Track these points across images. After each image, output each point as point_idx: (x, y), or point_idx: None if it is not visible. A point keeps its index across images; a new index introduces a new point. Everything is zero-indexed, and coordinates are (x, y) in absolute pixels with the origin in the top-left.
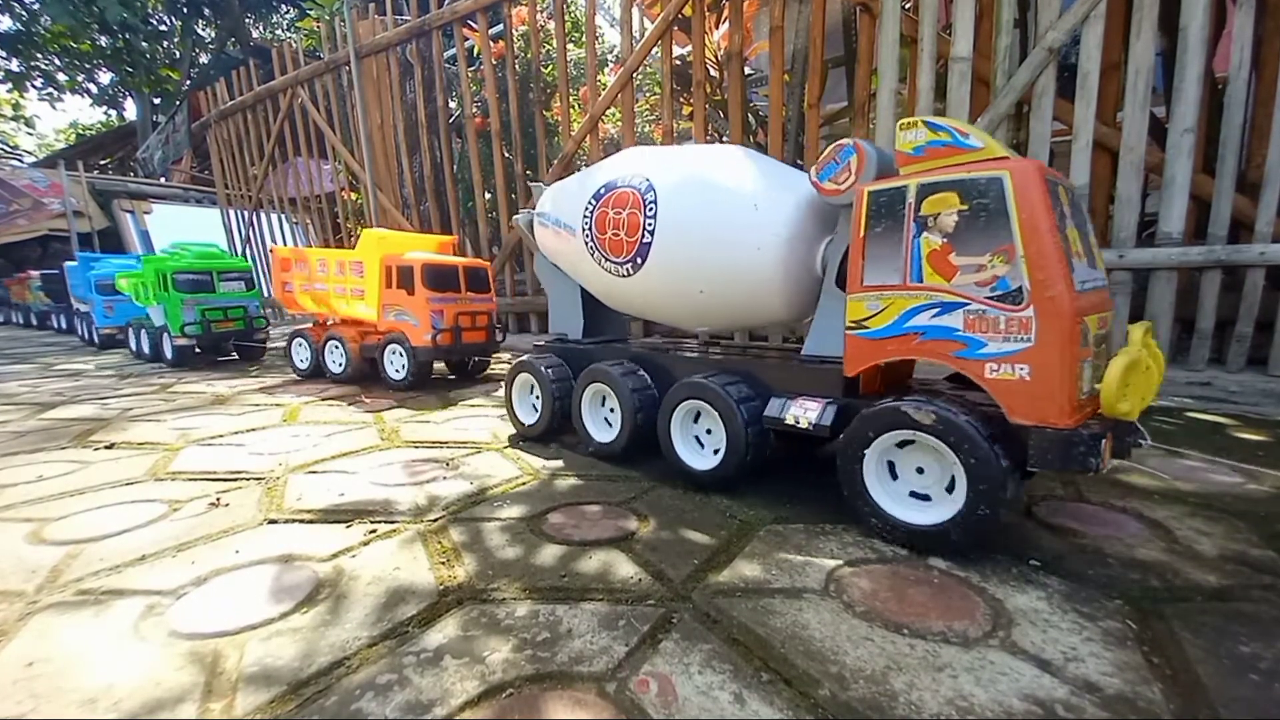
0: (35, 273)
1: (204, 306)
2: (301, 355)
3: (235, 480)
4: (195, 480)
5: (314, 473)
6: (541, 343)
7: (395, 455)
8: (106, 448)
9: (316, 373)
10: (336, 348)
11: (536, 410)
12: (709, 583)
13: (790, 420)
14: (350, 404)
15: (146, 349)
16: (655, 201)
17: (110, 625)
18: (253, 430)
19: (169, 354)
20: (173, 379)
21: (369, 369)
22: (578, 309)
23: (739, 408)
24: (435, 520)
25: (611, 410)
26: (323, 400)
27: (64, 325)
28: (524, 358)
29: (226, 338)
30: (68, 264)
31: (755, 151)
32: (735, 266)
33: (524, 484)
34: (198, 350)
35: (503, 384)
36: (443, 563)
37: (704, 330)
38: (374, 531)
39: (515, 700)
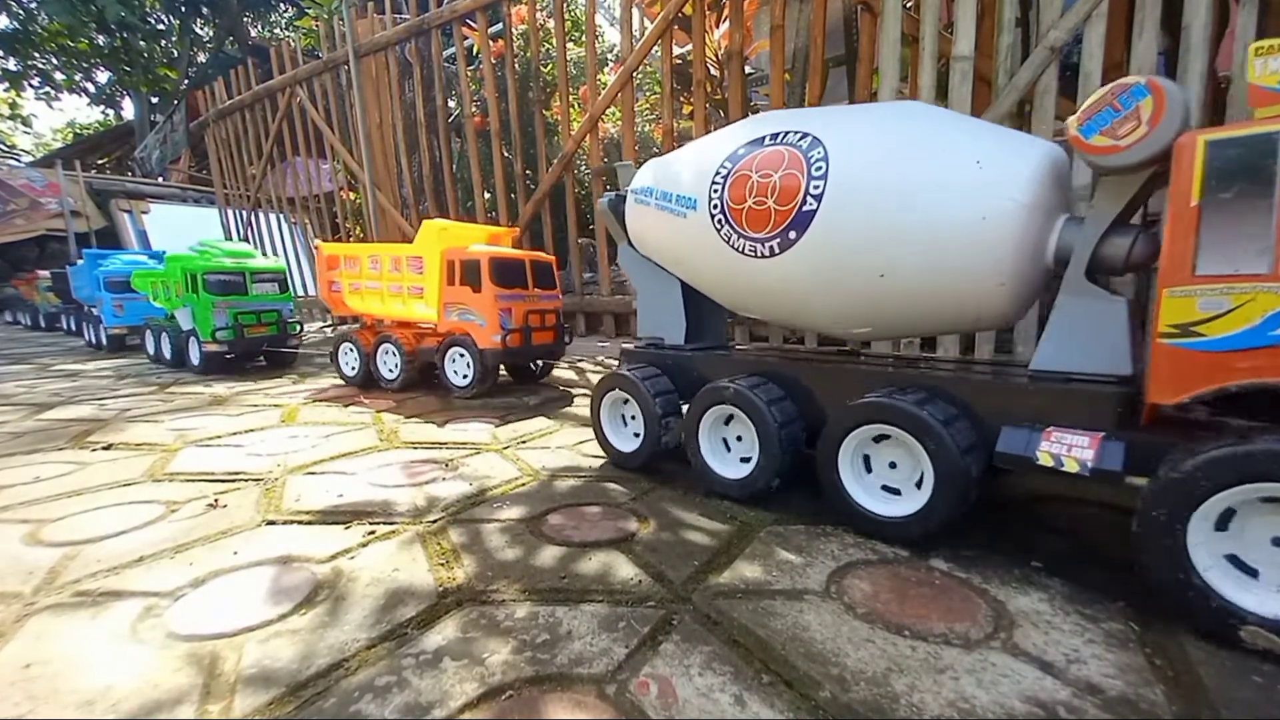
0: (44, 272)
1: (236, 310)
2: (349, 361)
3: (233, 481)
4: (193, 481)
5: (312, 474)
6: (630, 347)
7: (394, 456)
8: (104, 448)
9: (368, 380)
10: (390, 352)
11: (636, 436)
12: (709, 584)
13: (1046, 461)
14: (348, 405)
15: (168, 354)
16: (825, 159)
17: (108, 627)
18: (251, 431)
19: (195, 360)
20: (171, 379)
21: (425, 375)
22: (678, 308)
23: (960, 444)
24: (434, 521)
25: (739, 438)
26: (321, 401)
27: (73, 327)
28: (616, 369)
29: (260, 343)
30: (75, 264)
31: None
32: (945, 240)
33: (524, 485)
34: (229, 356)
35: (589, 400)
36: (442, 564)
37: (862, 333)
38: (373, 533)
39: (515, 702)
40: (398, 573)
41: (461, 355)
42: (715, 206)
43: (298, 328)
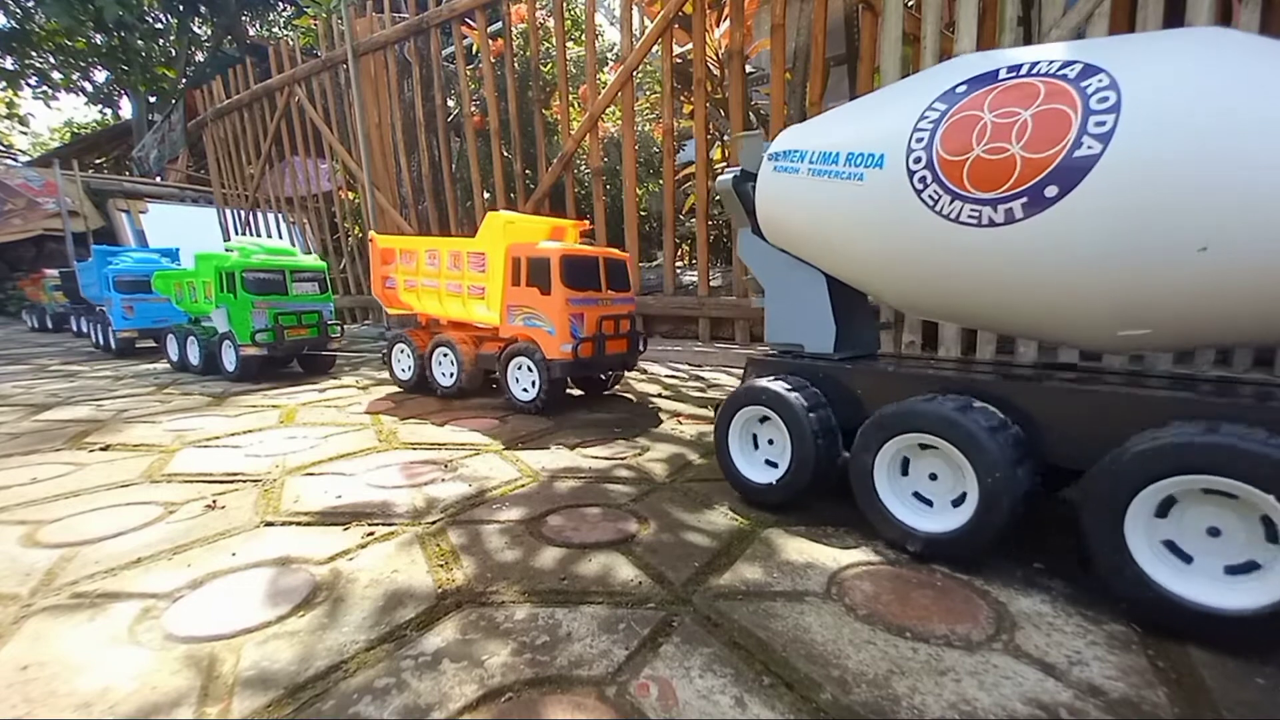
0: (52, 271)
1: (277, 310)
2: (403, 364)
3: (231, 482)
4: (191, 482)
5: (311, 475)
6: (760, 355)
7: (393, 457)
8: (102, 449)
9: (421, 385)
10: (447, 356)
11: (776, 466)
12: (710, 586)
13: None
14: (347, 405)
15: (195, 359)
16: (1113, 87)
17: (105, 628)
18: (249, 432)
19: (230, 365)
20: (168, 380)
21: (485, 382)
22: (824, 308)
23: None
24: (433, 523)
25: (933, 477)
26: (320, 402)
27: (83, 328)
28: (753, 383)
29: (300, 346)
30: (85, 261)
31: None
32: None
33: (523, 486)
34: (272, 358)
35: (715, 417)
36: (441, 565)
37: (1135, 337)
38: (372, 534)
39: (514, 704)
40: (397, 574)
41: (527, 367)
42: (918, 161)
43: (338, 330)
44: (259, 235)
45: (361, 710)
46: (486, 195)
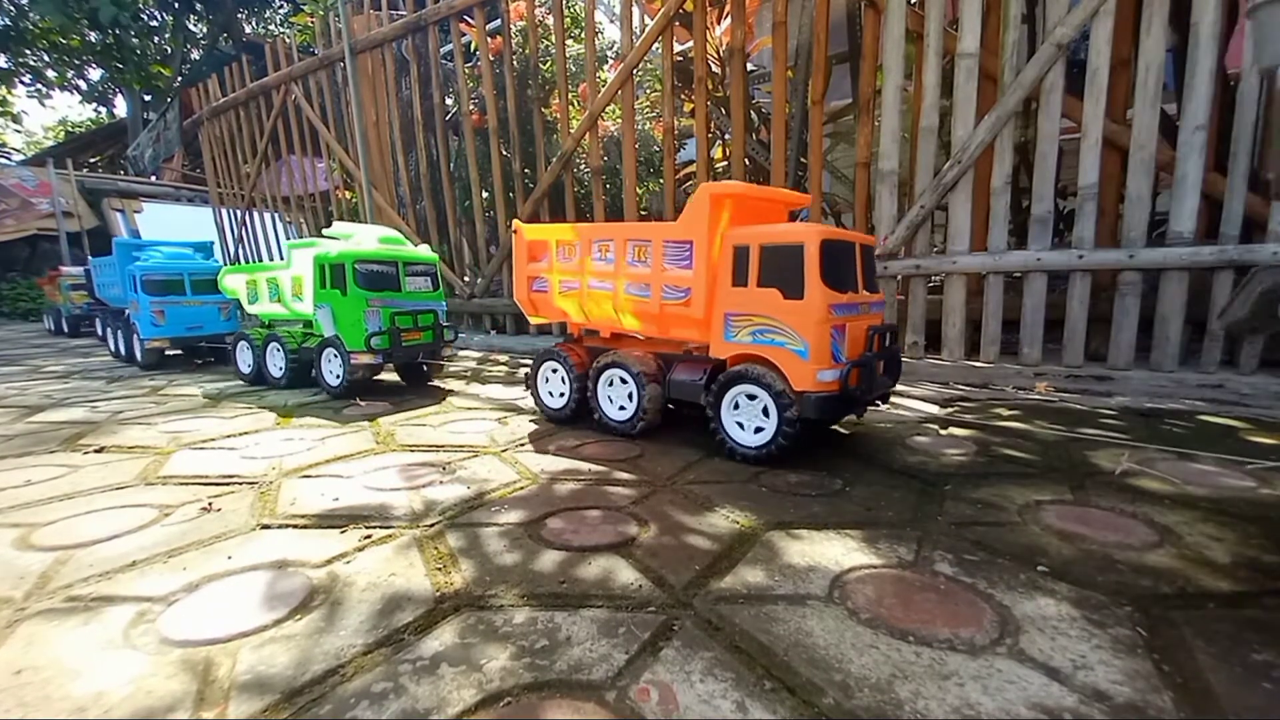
0: (72, 269)
1: (392, 310)
2: (555, 389)
3: (227, 485)
4: (187, 485)
5: (308, 477)
6: None
7: (390, 459)
8: (96, 451)
9: (582, 412)
10: (621, 381)
11: None
12: (711, 589)
13: None
14: (344, 407)
15: (279, 371)
16: None
17: (100, 632)
18: (245, 434)
19: (333, 379)
20: (163, 380)
21: (672, 413)
22: None
23: None
24: (431, 525)
25: None
26: (317, 404)
27: (104, 333)
28: None
29: (415, 353)
30: (96, 259)
31: None
32: None
33: (522, 488)
34: (385, 365)
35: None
36: (439, 569)
37: None
38: (369, 537)
39: (513, 709)
40: (394, 577)
41: (755, 400)
42: None
43: (453, 334)
44: (256, 235)
45: (359, 714)
46: (485, 194)
